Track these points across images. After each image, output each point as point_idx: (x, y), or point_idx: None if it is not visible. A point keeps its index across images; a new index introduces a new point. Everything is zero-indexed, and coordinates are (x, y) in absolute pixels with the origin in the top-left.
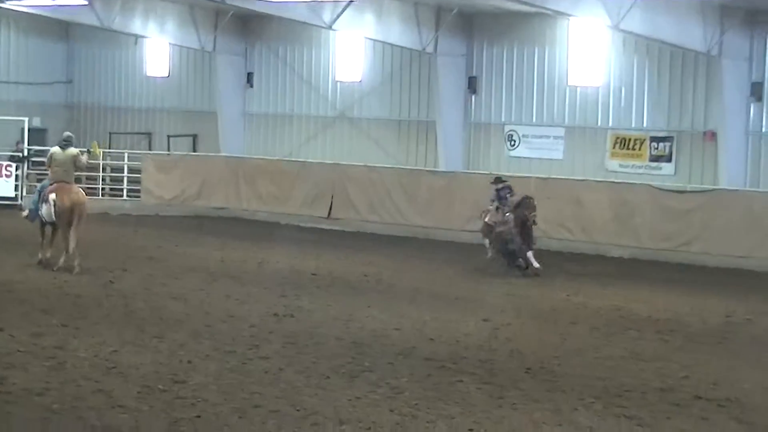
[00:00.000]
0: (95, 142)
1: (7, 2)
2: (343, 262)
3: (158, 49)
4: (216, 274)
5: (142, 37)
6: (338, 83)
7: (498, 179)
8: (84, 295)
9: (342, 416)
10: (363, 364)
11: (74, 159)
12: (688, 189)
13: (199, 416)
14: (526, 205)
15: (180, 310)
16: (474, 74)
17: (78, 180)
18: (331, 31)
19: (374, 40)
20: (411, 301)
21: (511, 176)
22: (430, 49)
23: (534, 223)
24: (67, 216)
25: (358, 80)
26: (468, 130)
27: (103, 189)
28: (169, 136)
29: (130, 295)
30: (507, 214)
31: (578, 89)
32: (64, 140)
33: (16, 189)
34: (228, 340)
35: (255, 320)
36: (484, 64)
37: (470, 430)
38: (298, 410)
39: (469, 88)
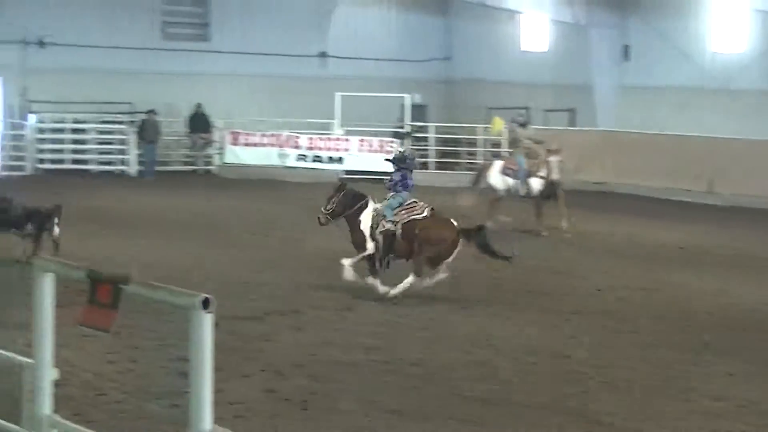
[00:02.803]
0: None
1: None
2: (713, 236)
3: (533, 23)
4: (589, 247)
5: (518, 12)
6: (715, 54)
7: None
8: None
9: (715, 393)
10: (735, 341)
11: None
12: None
13: (584, 391)
14: None
15: (556, 283)
16: None
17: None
18: (710, 0)
19: (756, 10)
20: None
21: None
22: None
23: None
24: None
25: (737, 51)
26: None
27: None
28: (545, 111)
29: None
30: None
31: None
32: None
33: None
34: (597, 314)
35: (622, 293)
36: None
37: None
38: (669, 386)
39: None
